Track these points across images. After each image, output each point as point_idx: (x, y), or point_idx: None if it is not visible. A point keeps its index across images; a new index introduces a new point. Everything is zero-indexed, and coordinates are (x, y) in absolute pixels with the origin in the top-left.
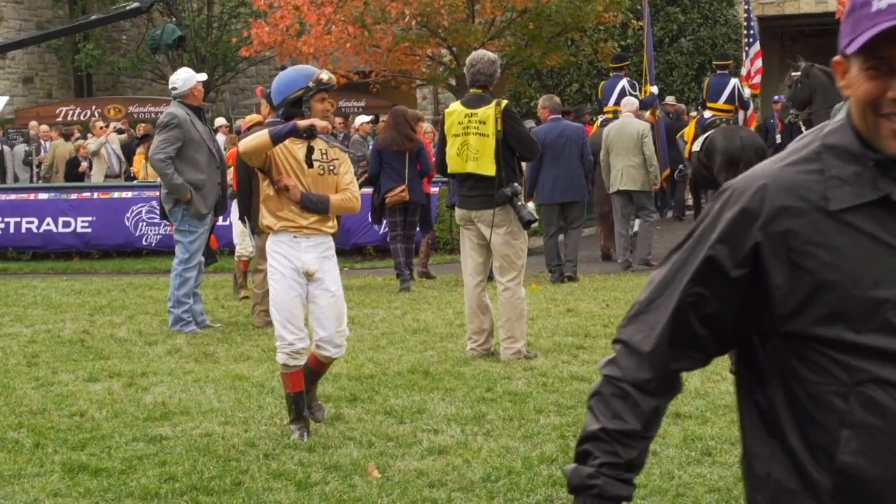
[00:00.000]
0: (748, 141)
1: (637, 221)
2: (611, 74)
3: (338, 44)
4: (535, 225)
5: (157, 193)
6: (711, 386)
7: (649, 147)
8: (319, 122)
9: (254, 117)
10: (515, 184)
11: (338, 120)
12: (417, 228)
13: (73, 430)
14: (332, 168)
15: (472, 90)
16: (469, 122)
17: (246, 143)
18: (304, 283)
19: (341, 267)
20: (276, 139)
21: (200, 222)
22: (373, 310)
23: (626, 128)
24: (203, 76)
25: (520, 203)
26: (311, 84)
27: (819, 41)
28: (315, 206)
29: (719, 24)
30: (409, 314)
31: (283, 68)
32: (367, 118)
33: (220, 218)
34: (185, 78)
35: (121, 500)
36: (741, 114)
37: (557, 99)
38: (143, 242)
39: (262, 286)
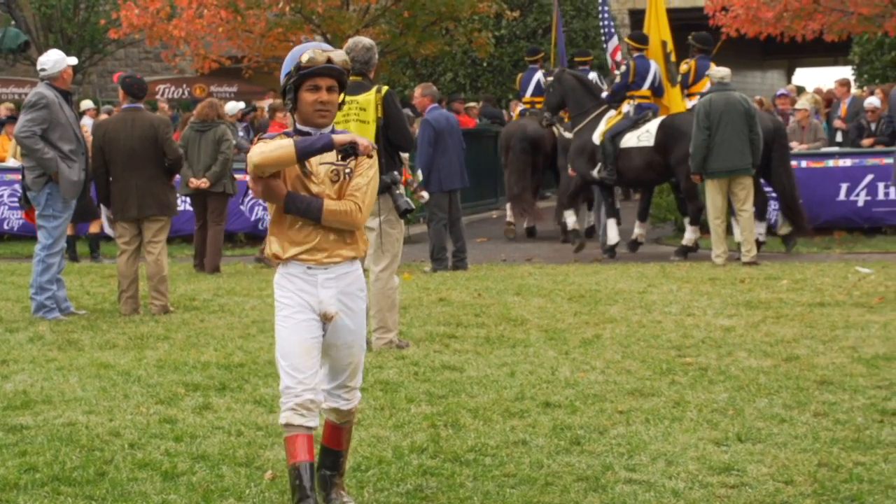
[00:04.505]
0: (512, 131)
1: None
2: (528, 67)
3: (210, 28)
4: (409, 215)
5: (20, 177)
6: (581, 376)
7: None
8: (362, 140)
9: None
10: (395, 172)
11: None
12: None
13: None
14: (348, 172)
15: (350, 78)
16: (349, 109)
17: (264, 156)
18: (320, 322)
19: None
20: (304, 155)
21: (64, 207)
22: (243, 298)
23: None
24: (73, 60)
25: (398, 192)
26: (292, 69)
27: (687, 35)
28: (303, 211)
29: (592, 16)
30: None
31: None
32: (240, 105)
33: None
34: (55, 60)
35: None
36: None
37: (435, 87)
38: (5, 227)
39: (127, 272)
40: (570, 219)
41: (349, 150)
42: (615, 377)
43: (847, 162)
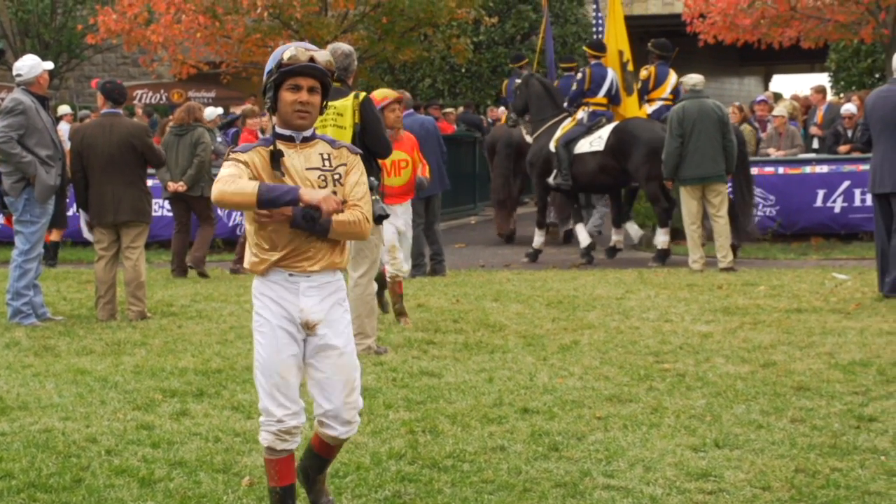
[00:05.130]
0: (497, 136)
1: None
2: (511, 73)
3: (188, 33)
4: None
5: None
6: (559, 382)
7: None
8: (329, 204)
9: (386, 92)
10: (371, 178)
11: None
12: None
13: None
14: (337, 177)
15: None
16: (326, 114)
17: (224, 195)
18: (301, 337)
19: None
20: (263, 204)
21: (42, 212)
22: (221, 303)
23: None
24: (49, 65)
25: (374, 198)
26: (273, 67)
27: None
28: (311, 226)
29: (569, 22)
30: None
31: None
32: (218, 110)
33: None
34: (30, 65)
35: None
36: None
37: (408, 94)
38: None
39: (105, 278)
40: (539, 238)
41: (311, 215)
42: (593, 383)
43: (824, 168)
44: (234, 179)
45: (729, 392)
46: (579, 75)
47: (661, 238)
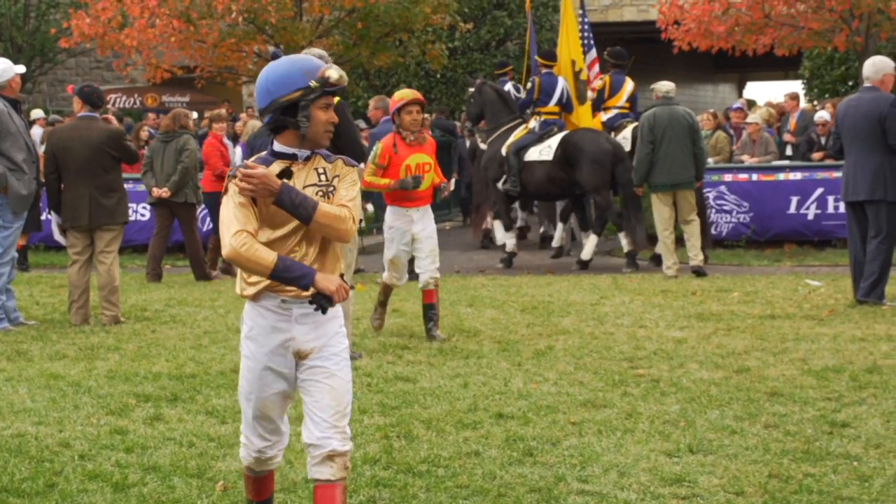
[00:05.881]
0: (477, 144)
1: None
2: (497, 80)
3: (162, 38)
4: (363, 224)
5: None
6: (534, 387)
7: None
8: (340, 295)
9: (404, 93)
10: None
11: (153, 117)
12: None
13: None
14: (332, 190)
15: None
16: None
17: (240, 259)
18: (290, 370)
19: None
20: (276, 280)
21: (15, 217)
22: (195, 308)
23: None
24: (21, 68)
25: None
26: (312, 84)
27: (640, 48)
28: (298, 205)
29: (545, 28)
30: (233, 313)
31: (278, 58)
32: (193, 115)
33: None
34: (2, 69)
35: None
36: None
37: (388, 100)
38: None
39: (78, 282)
40: (511, 241)
41: (322, 303)
42: (568, 388)
43: (797, 175)
44: (252, 243)
45: (703, 398)
46: (529, 84)
47: (624, 241)
